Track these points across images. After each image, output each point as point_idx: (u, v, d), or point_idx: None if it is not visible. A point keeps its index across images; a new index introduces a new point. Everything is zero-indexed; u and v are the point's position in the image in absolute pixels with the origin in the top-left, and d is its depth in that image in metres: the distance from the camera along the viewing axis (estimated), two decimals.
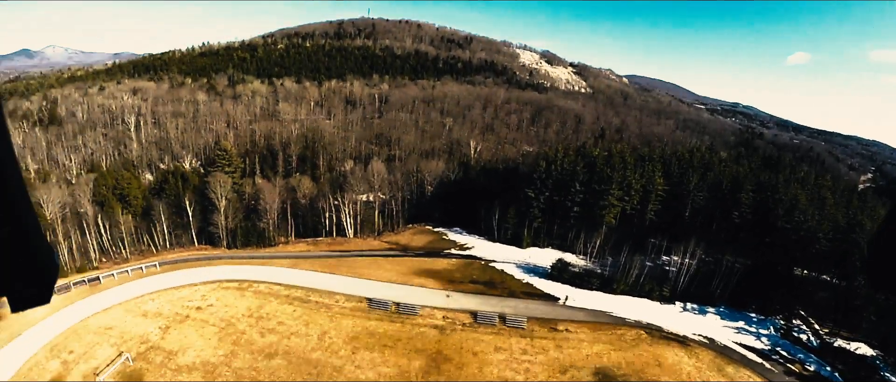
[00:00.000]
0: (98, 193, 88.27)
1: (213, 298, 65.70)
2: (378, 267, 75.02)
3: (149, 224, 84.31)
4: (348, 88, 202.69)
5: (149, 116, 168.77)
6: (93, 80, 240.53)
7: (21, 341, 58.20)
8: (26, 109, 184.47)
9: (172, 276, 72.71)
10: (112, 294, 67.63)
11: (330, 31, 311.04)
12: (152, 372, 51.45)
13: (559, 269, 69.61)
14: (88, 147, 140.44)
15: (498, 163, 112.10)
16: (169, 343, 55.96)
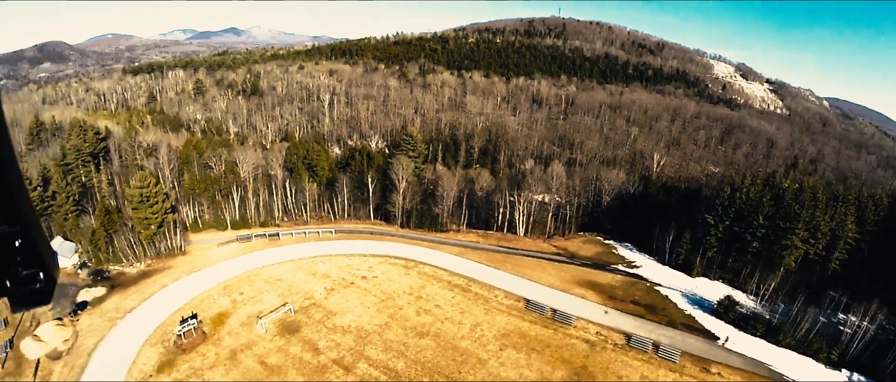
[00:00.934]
0: (289, 160, 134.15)
1: (379, 271, 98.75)
2: (542, 270, 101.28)
3: (331, 194, 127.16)
4: (535, 87, 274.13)
5: (342, 96, 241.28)
6: (293, 59, 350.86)
7: (200, 276, 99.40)
8: (232, 80, 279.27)
9: (345, 244, 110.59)
10: (288, 250, 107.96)
11: (520, 29, 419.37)
12: (310, 327, 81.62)
13: (725, 307, 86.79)
14: (284, 118, 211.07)
15: (680, 181, 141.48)
16: (331, 303, 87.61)
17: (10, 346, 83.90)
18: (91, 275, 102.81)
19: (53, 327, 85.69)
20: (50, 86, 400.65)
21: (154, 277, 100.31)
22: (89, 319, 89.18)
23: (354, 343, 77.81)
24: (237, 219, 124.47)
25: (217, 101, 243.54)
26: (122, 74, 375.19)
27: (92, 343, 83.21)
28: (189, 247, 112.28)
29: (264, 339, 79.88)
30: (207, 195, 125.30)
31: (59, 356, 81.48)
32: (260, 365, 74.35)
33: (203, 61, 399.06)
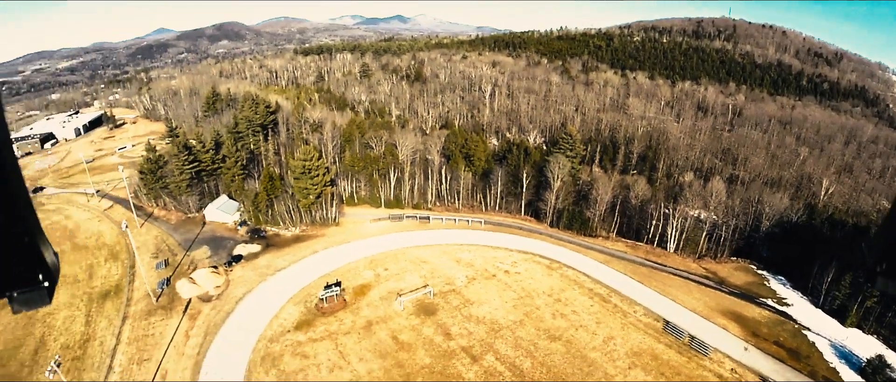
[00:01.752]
0: (447, 148, 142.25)
1: (522, 267, 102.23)
2: (687, 292, 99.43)
3: (485, 185, 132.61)
4: (701, 93, 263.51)
5: (503, 88, 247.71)
6: (456, 49, 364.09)
7: (349, 247, 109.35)
8: (396, 65, 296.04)
9: (492, 236, 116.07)
10: (436, 234, 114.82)
11: (688, 29, 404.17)
12: (446, 311, 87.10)
13: (874, 368, 79.84)
14: (445, 105, 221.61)
15: (848, 215, 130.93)
16: (470, 292, 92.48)
17: (166, 284, 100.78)
18: (249, 233, 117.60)
19: (208, 273, 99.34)
20: (227, 61, 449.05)
21: (306, 242, 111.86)
22: (242, 271, 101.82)
23: (486, 335, 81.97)
24: (391, 199, 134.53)
25: (381, 85, 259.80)
26: (293, 54, 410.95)
27: (241, 292, 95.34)
28: (343, 220, 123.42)
29: (400, 316, 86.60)
30: (365, 173, 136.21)
31: (210, 299, 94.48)
32: (391, 340, 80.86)
33: (370, 46, 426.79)
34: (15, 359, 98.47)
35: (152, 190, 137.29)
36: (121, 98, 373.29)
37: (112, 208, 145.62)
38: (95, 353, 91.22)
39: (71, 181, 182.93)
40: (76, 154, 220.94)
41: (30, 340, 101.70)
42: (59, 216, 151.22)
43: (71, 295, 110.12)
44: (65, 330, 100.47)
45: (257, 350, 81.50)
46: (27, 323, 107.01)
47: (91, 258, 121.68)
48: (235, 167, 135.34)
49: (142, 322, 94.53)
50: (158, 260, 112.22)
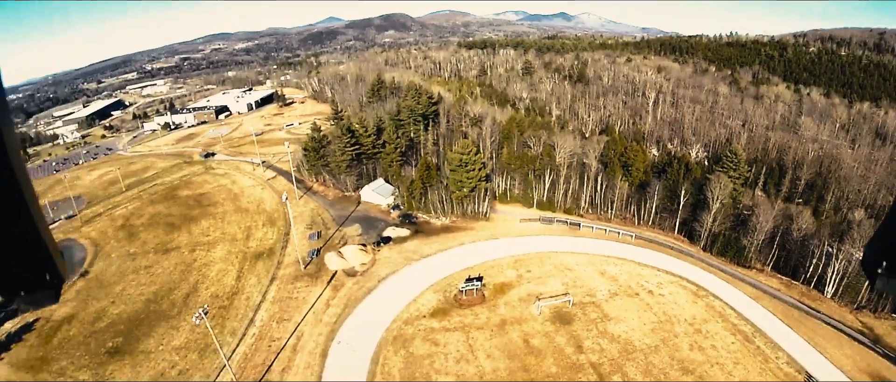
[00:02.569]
0: (605, 154, 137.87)
1: (667, 290, 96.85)
2: (838, 346, 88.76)
3: (640, 197, 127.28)
4: (881, 117, 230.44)
5: (668, 95, 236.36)
6: (621, 50, 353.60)
7: (496, 244, 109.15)
8: (559, 64, 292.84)
9: (641, 252, 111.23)
10: (584, 243, 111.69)
11: (868, 41, 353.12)
12: (581, 323, 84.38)
13: None
14: (606, 109, 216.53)
15: None
16: (609, 308, 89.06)
17: (316, 254, 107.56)
18: (400, 217, 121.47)
19: (357, 250, 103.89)
20: (392, 51, 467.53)
21: (454, 234, 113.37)
22: (389, 253, 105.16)
23: (617, 355, 78.89)
24: (543, 201, 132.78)
25: (543, 83, 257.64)
26: (456, 47, 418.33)
27: (384, 272, 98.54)
28: (493, 215, 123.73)
29: (535, 320, 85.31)
30: (521, 172, 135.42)
31: (354, 274, 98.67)
32: (523, 342, 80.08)
33: (533, 43, 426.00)
34: (168, 299, 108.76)
35: (314, 166, 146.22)
36: (291, 79, 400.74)
37: (275, 179, 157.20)
38: (241, 306, 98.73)
39: (240, 150, 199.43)
40: (247, 127, 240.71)
41: (184, 285, 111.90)
42: (226, 180, 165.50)
43: (227, 252, 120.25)
44: (217, 282, 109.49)
45: (391, 329, 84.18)
46: (185, 270, 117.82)
47: (250, 221, 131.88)
48: (394, 153, 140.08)
49: (288, 285, 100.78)
50: (312, 232, 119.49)
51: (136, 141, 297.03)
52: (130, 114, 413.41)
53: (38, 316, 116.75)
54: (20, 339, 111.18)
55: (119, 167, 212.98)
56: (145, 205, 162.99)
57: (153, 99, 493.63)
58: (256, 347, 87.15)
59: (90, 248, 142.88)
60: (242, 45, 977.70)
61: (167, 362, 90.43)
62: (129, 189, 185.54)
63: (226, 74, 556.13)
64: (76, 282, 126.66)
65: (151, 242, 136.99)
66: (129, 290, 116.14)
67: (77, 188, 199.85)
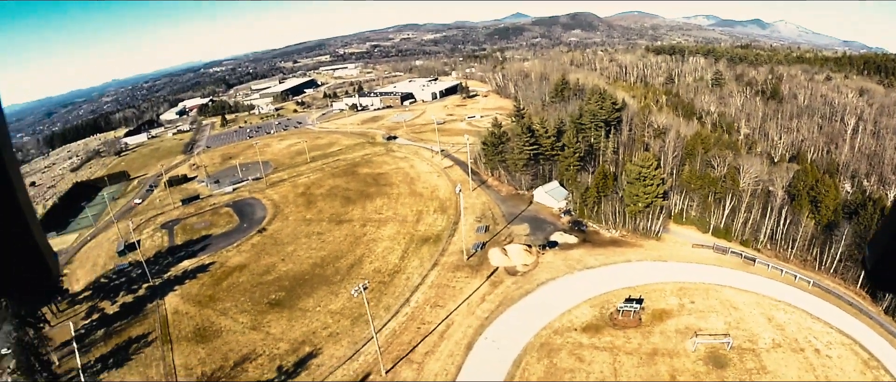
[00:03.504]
0: (793, 185, 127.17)
1: (835, 352, 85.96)
2: None
3: (826, 239, 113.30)
4: None
5: (869, 123, 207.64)
6: (820, 66, 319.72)
7: (662, 266, 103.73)
8: (751, 77, 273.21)
9: (815, 302, 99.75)
10: (754, 280, 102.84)
11: None
12: (735, 371, 78.08)
13: None
14: (799, 133, 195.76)
15: None
16: (768, 359, 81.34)
17: (481, 248, 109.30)
18: (570, 223, 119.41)
19: (521, 249, 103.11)
20: (577, 51, 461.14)
21: (622, 249, 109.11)
22: (552, 258, 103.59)
23: None
24: (720, 227, 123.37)
25: (733, 97, 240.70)
26: (644, 52, 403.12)
27: (545, 277, 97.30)
28: (665, 235, 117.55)
29: (688, 357, 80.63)
30: (701, 193, 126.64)
31: (515, 273, 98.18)
32: (669, 378, 76.38)
33: (724, 51, 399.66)
34: (333, 266, 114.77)
35: (491, 161, 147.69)
36: (476, 72, 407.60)
37: (451, 168, 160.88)
38: (400, 285, 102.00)
39: (421, 137, 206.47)
40: (429, 115, 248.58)
41: (350, 256, 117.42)
42: (404, 163, 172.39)
43: (396, 231, 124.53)
44: (381, 258, 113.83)
45: (540, 335, 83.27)
46: (353, 242, 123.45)
47: (422, 205, 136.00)
48: (573, 157, 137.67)
49: (448, 273, 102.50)
50: (480, 225, 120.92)
51: (324, 118, 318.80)
52: (321, 93, 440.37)
53: (215, 259, 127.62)
54: (195, 277, 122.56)
55: (306, 140, 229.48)
56: (326, 178, 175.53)
57: (343, 81, 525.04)
58: (406, 326, 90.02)
59: (271, 209, 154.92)
60: (430, 36, 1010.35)
61: (321, 323, 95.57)
62: (313, 161, 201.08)
63: (413, 63, 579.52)
64: (253, 237, 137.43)
65: (327, 212, 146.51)
66: (300, 252, 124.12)
67: (267, 154, 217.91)
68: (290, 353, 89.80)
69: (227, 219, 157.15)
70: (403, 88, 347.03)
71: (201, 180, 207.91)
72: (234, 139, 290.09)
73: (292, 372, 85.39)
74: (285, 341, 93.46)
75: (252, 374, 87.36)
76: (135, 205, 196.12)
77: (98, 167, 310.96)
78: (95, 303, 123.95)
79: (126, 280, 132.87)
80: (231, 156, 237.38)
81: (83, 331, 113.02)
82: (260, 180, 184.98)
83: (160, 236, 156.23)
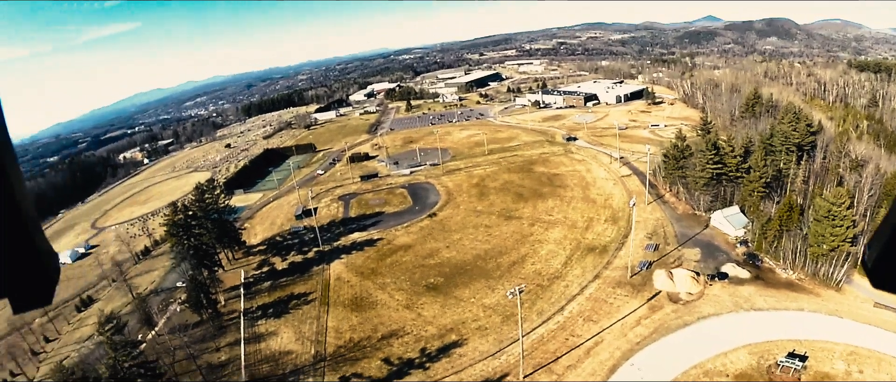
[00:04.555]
0: None
1: None
2: None
3: None
4: None
5: None
6: None
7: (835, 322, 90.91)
8: None
9: None
10: None
11: None
12: None
13: None
14: None
15: None
16: None
17: (647, 267, 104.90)
18: (745, 256, 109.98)
19: (687, 276, 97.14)
20: (773, 61, 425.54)
21: (796, 294, 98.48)
22: (719, 291, 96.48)
23: None
24: None
25: None
26: (845, 67, 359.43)
27: (707, 311, 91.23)
28: (846, 287, 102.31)
29: None
30: None
31: (677, 301, 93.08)
32: None
33: None
34: (495, 261, 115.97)
35: (670, 175, 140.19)
36: (663, 77, 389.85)
37: (629, 177, 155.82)
38: (557, 292, 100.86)
39: (601, 140, 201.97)
40: (612, 119, 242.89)
41: (513, 253, 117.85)
42: (581, 167, 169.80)
43: (563, 236, 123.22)
44: (544, 260, 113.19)
45: (688, 374, 78.26)
46: (519, 240, 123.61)
47: (594, 213, 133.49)
48: (758, 182, 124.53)
49: (608, 287, 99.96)
50: (650, 243, 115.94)
51: (506, 112, 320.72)
52: (505, 87, 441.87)
53: (383, 236, 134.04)
54: (361, 249, 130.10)
55: (486, 132, 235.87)
56: (501, 172, 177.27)
57: (527, 77, 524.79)
58: (555, 335, 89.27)
59: (444, 196, 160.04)
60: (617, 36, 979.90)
61: (472, 314, 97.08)
62: (491, 153, 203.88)
63: (599, 63, 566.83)
64: (423, 220, 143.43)
65: (498, 206, 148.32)
66: (465, 241, 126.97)
67: (446, 142, 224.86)
68: (436, 338, 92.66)
69: (400, 200, 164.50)
70: (587, 89, 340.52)
71: (381, 160, 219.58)
72: (416, 124, 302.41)
73: (434, 356, 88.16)
74: (434, 325, 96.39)
75: (396, 350, 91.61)
76: (317, 176, 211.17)
77: (288, 137, 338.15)
78: (267, 257, 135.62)
79: (299, 242, 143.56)
80: (412, 141, 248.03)
81: (252, 280, 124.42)
82: (437, 166, 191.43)
83: (336, 206, 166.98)
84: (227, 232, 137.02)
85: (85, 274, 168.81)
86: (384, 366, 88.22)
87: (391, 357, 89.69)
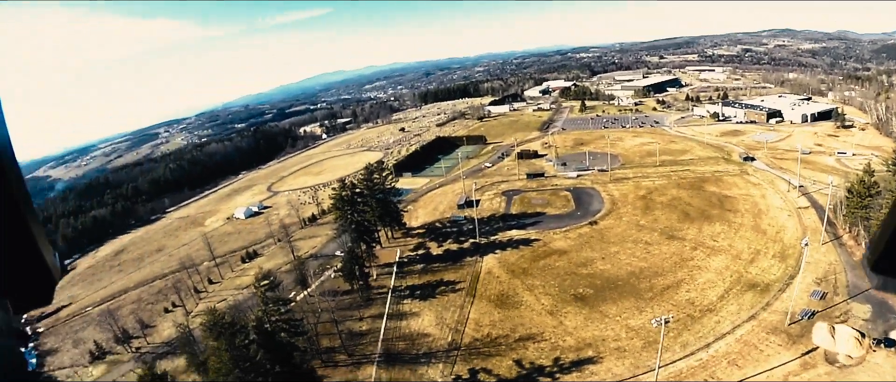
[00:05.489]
0: None
1: None
2: None
3: None
4: None
5: None
6: None
7: None
8: None
9: None
10: None
11: None
12: None
13: None
14: None
15: None
16: None
17: (809, 316, 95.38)
18: None
19: (851, 336, 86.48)
20: None
21: None
22: (883, 360, 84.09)
23: None
24: None
25: None
26: None
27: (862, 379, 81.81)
28: None
29: None
30: None
31: (834, 362, 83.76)
32: None
33: None
34: (649, 281, 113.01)
35: (852, 213, 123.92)
36: (855, 96, 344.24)
37: (806, 210, 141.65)
38: (707, 326, 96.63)
39: (781, 164, 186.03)
40: (795, 140, 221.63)
41: (669, 277, 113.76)
42: (756, 191, 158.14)
43: (725, 266, 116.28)
44: (699, 290, 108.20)
45: None
46: (678, 263, 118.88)
47: (762, 245, 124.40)
48: None
49: (762, 332, 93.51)
50: (817, 289, 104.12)
51: (682, 121, 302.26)
52: (684, 94, 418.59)
53: (540, 237, 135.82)
54: (517, 248, 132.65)
55: (660, 142, 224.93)
56: (670, 186, 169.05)
57: (708, 85, 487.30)
58: (694, 373, 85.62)
59: (607, 204, 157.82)
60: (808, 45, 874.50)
61: (613, 333, 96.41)
62: (662, 165, 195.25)
63: (786, 75, 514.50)
64: (582, 227, 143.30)
65: (661, 222, 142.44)
66: (622, 256, 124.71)
67: (617, 147, 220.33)
68: (572, 350, 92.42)
69: (563, 202, 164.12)
70: (771, 104, 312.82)
71: (549, 159, 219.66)
72: (588, 126, 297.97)
73: (566, 368, 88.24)
74: (574, 337, 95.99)
75: (530, 354, 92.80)
76: (484, 168, 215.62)
77: (460, 127, 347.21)
78: (424, 241, 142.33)
79: (457, 231, 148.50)
80: (582, 143, 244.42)
81: (405, 260, 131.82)
82: (605, 172, 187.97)
83: (499, 201, 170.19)
84: (389, 212, 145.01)
85: (255, 231, 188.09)
86: (515, 368, 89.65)
87: (523, 361, 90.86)
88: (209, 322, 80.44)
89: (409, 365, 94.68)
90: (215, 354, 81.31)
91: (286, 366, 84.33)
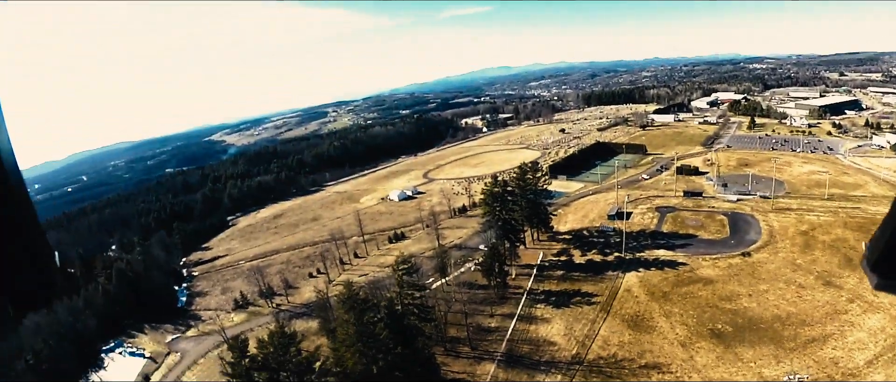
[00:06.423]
0: None
1: None
2: None
3: None
4: None
5: None
6: None
7: None
8: None
9: None
10: None
11: None
12: None
13: None
14: None
15: None
16: None
17: None
18: None
19: None
20: None
21: None
22: None
23: None
24: None
25: None
26: None
27: None
28: None
29: None
30: None
31: None
32: None
33: None
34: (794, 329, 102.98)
35: None
36: None
37: None
38: None
39: None
40: None
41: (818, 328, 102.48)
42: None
43: (881, 327, 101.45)
44: (847, 349, 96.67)
45: None
46: (830, 314, 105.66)
47: None
48: None
49: None
50: None
51: (858, 151, 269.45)
52: (863, 118, 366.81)
53: (687, 262, 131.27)
54: (661, 269, 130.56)
55: (831, 172, 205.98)
56: (836, 225, 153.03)
57: (892, 111, 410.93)
58: None
59: (765, 235, 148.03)
60: None
61: (743, 379, 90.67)
62: (830, 199, 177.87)
63: None
64: (734, 257, 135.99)
65: (820, 265, 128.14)
66: (770, 295, 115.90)
67: (783, 173, 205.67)
68: None
69: (718, 227, 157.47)
70: None
71: (710, 178, 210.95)
72: (755, 145, 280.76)
73: None
74: (701, 375, 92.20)
75: None
76: (641, 180, 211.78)
77: (621, 133, 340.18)
78: (568, 248, 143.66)
79: (603, 242, 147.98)
80: (747, 164, 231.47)
81: (546, 264, 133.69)
82: (767, 199, 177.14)
83: (651, 216, 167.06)
84: (537, 214, 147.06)
85: (405, 214, 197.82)
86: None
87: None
88: (344, 296, 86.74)
89: (528, 370, 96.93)
90: (342, 326, 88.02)
91: (408, 349, 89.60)
